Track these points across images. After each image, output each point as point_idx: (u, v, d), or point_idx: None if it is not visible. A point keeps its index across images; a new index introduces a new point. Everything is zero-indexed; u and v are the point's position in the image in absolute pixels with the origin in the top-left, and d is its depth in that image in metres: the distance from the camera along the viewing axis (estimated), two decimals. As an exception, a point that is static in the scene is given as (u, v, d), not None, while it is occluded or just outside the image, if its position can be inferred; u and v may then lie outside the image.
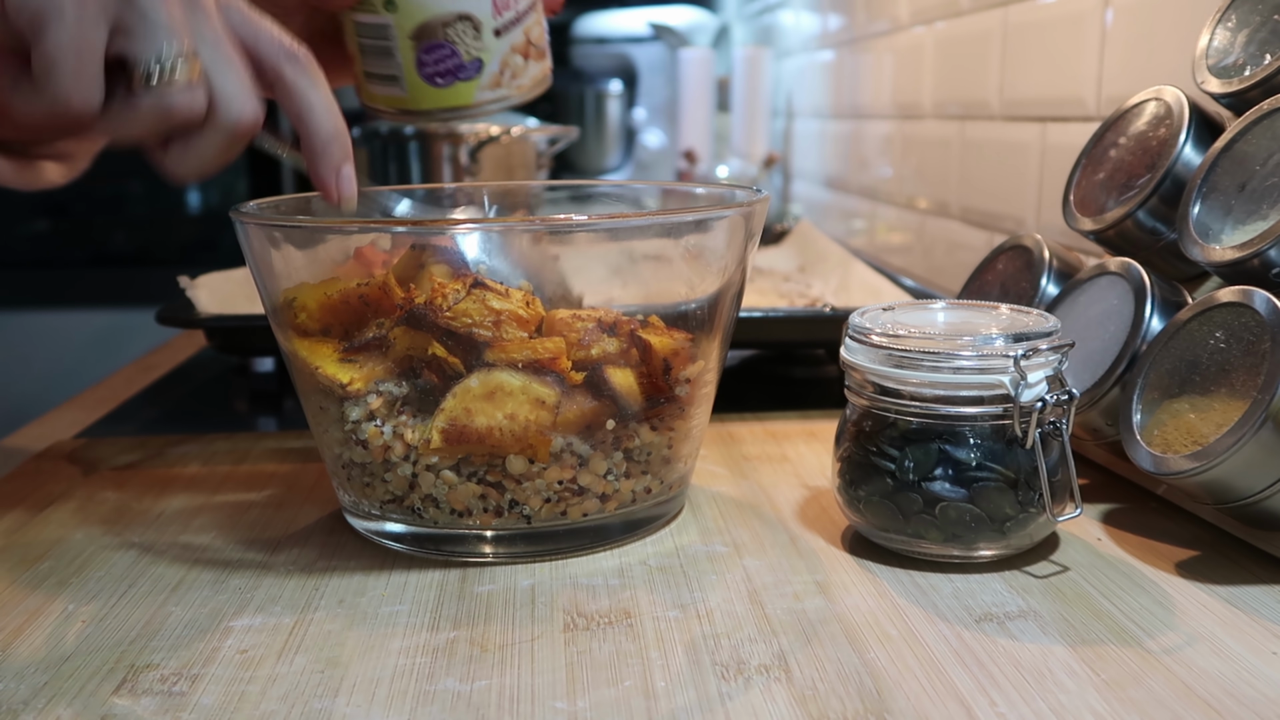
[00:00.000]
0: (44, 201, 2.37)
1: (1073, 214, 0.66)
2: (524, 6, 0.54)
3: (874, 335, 0.51)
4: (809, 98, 1.76)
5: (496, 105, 0.54)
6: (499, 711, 0.40)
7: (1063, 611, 0.46)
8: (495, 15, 0.52)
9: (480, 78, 0.53)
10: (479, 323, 0.50)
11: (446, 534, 0.52)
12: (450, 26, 0.52)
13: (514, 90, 0.54)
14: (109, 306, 2.29)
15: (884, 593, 0.49)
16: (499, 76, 0.53)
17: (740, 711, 0.39)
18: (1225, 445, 0.47)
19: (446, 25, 0.52)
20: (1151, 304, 0.56)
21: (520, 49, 0.54)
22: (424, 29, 0.52)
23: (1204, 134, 0.60)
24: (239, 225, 0.52)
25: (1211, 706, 0.39)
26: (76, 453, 0.69)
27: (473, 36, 0.52)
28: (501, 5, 0.52)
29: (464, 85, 0.53)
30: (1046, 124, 0.90)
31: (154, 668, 0.43)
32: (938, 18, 1.14)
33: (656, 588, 0.49)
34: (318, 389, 0.52)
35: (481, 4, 0.52)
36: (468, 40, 0.52)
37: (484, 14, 0.52)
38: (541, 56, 0.56)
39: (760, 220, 0.55)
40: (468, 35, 0.52)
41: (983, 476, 0.49)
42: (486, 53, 0.53)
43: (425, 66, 0.53)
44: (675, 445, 0.55)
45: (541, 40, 0.55)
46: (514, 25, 0.53)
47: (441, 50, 0.52)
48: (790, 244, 1.23)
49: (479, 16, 0.52)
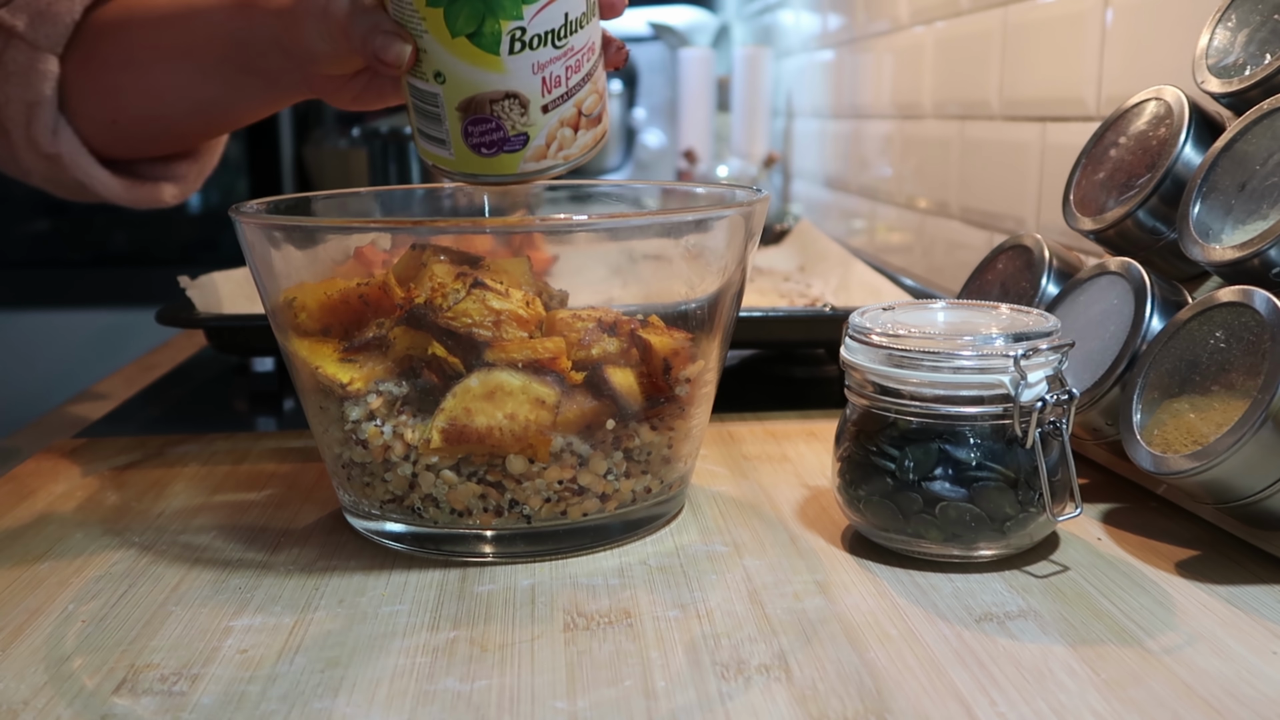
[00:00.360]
0: (44, 201, 2.37)
1: (1073, 214, 0.66)
2: (576, 81, 0.53)
3: (874, 335, 0.51)
4: (809, 97, 1.76)
5: (542, 176, 0.54)
6: (499, 711, 0.40)
7: (1063, 611, 0.46)
8: (544, 93, 0.52)
9: (525, 151, 0.53)
10: (479, 323, 0.50)
11: (446, 534, 0.52)
12: (497, 103, 0.52)
13: (560, 160, 0.54)
14: (109, 306, 2.29)
15: (884, 592, 0.48)
16: (545, 149, 0.53)
17: (740, 711, 0.39)
18: (1225, 445, 0.47)
19: (493, 102, 0.52)
20: (1151, 304, 0.56)
21: (570, 122, 0.53)
22: (471, 103, 0.52)
23: (1204, 134, 0.60)
24: (239, 225, 0.52)
25: (1212, 706, 0.39)
26: (76, 453, 0.69)
27: (519, 113, 0.52)
28: (551, 83, 0.52)
29: (508, 157, 0.53)
30: (1046, 124, 0.90)
31: (154, 667, 0.43)
32: (938, 17, 1.14)
33: (656, 587, 0.49)
34: (318, 389, 0.52)
35: (530, 83, 0.52)
36: (514, 116, 0.52)
37: (532, 93, 0.52)
38: (594, 124, 0.55)
39: (760, 220, 0.55)
40: (514, 111, 0.52)
41: (983, 476, 0.49)
42: (533, 128, 0.52)
43: (471, 137, 0.52)
44: (675, 445, 0.55)
45: (595, 108, 0.55)
46: (564, 100, 0.53)
47: (487, 124, 0.52)
48: (790, 244, 1.23)
49: (526, 95, 0.52)
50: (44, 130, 0.69)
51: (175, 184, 0.76)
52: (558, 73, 0.52)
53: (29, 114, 0.68)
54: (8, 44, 0.68)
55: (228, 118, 0.70)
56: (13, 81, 0.68)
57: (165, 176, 0.75)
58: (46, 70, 0.68)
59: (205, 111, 0.68)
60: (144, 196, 0.74)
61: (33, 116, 0.68)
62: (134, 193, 0.74)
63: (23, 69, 0.68)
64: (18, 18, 0.67)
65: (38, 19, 0.68)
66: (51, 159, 0.70)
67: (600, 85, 0.55)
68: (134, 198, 0.74)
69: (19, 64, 0.67)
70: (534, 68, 0.51)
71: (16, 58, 0.67)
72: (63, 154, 0.69)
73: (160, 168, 0.75)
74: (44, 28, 0.68)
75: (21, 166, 0.71)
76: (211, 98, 0.67)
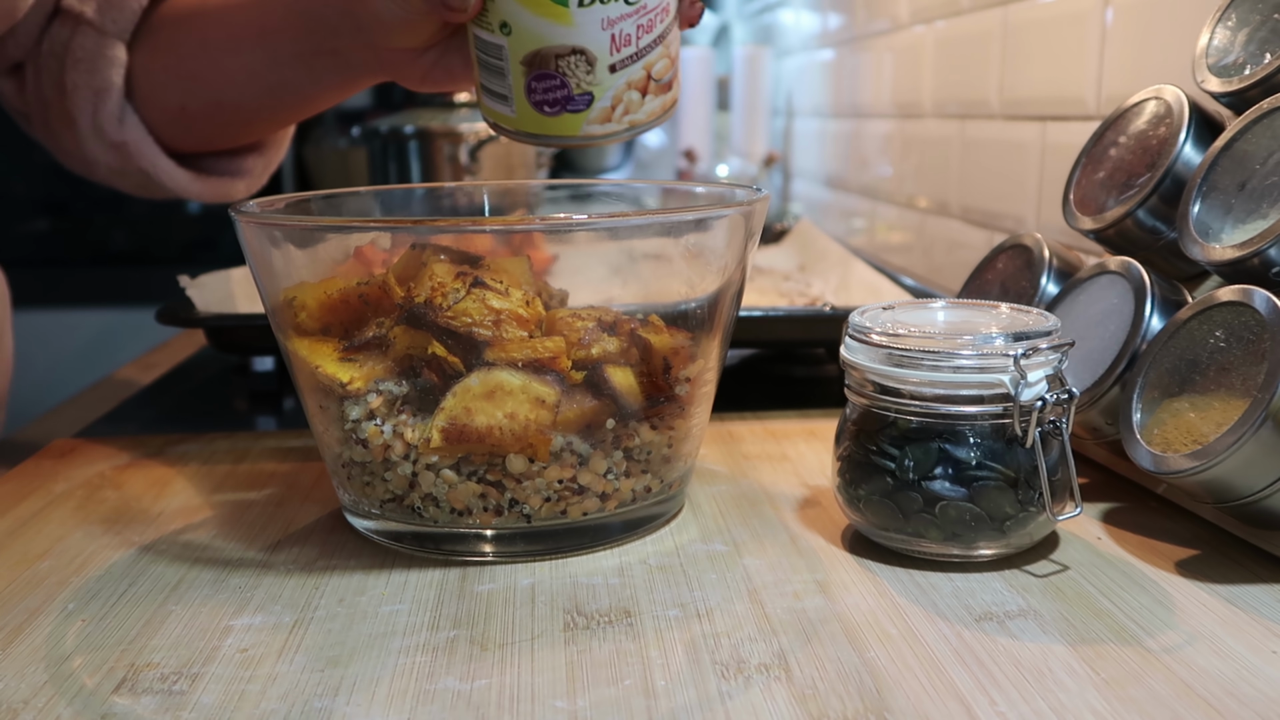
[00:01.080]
0: (44, 200, 2.37)
1: (1073, 213, 0.66)
2: (647, 42, 0.51)
3: (874, 334, 0.51)
4: (809, 97, 1.76)
5: (605, 140, 0.53)
6: (499, 710, 0.40)
7: (1063, 610, 0.46)
8: (613, 51, 0.50)
9: (589, 112, 0.51)
10: (479, 322, 0.50)
11: (446, 533, 0.52)
12: (563, 59, 0.50)
13: (625, 125, 0.52)
14: (109, 305, 2.29)
15: (884, 592, 0.49)
16: (609, 111, 0.52)
17: (740, 710, 0.39)
18: (1225, 444, 0.47)
19: (559, 57, 0.50)
20: (1151, 303, 0.56)
21: (638, 85, 0.52)
22: (536, 57, 0.50)
23: (1204, 133, 0.60)
24: (239, 224, 0.52)
25: (1211, 705, 0.39)
26: (76, 452, 0.69)
27: (585, 70, 0.50)
28: (621, 41, 0.50)
29: (571, 117, 0.52)
30: (1046, 123, 0.90)
31: (154, 667, 0.43)
32: (938, 17, 1.14)
33: (656, 587, 0.49)
34: (318, 388, 0.52)
35: (598, 39, 0.50)
36: (579, 73, 0.50)
37: (600, 50, 0.50)
38: (663, 91, 0.53)
39: (760, 219, 0.55)
40: (580, 69, 0.50)
41: (983, 475, 0.49)
42: (598, 87, 0.51)
43: (534, 94, 0.51)
44: (675, 444, 0.55)
45: (666, 73, 0.53)
46: (633, 61, 0.51)
47: (551, 80, 0.51)
48: (790, 243, 1.23)
49: (594, 52, 0.50)
50: (111, 118, 0.69)
51: (242, 179, 0.76)
52: (628, 31, 0.50)
53: (96, 101, 0.68)
54: (75, 30, 0.68)
55: (300, 103, 0.69)
56: (80, 68, 0.68)
57: (231, 171, 0.75)
58: (114, 57, 0.68)
59: (277, 96, 0.68)
60: (210, 190, 0.74)
61: (100, 104, 0.68)
62: (200, 186, 0.73)
63: (90, 55, 0.68)
64: (86, 4, 0.68)
65: (106, 6, 0.68)
66: (118, 147, 0.70)
67: (673, 50, 0.53)
68: (200, 191, 0.74)
69: (86, 50, 0.68)
70: (603, 23, 0.50)
71: (84, 44, 0.68)
72: (129, 142, 0.69)
73: (226, 162, 0.75)
74: (112, 13, 0.68)
75: (87, 158, 0.71)
76: (284, 82, 0.67)
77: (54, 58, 0.69)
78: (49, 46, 0.69)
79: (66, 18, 0.68)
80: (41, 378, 2.27)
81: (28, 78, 0.71)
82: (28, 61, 0.71)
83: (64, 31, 0.69)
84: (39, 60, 0.70)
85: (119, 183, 0.74)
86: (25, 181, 2.34)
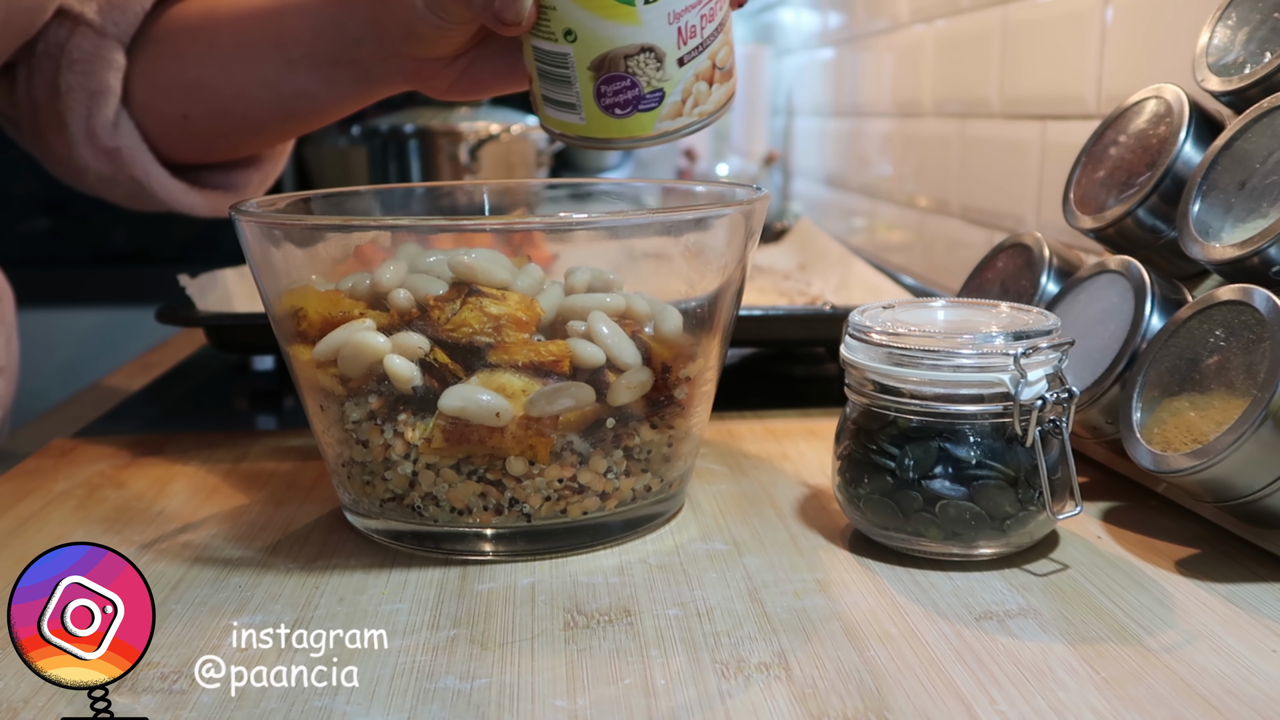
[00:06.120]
0: (44, 199, 2.37)
1: (1073, 212, 0.66)
2: (710, 31, 0.50)
3: (874, 333, 0.51)
4: (809, 95, 1.75)
5: (677, 134, 0.52)
6: (499, 709, 0.40)
7: (1063, 609, 0.46)
8: (680, 45, 0.49)
9: (661, 108, 0.51)
10: (480, 330, 0.50)
11: (446, 532, 0.52)
12: (632, 58, 0.49)
13: (695, 117, 0.52)
14: (109, 304, 2.29)
15: (884, 591, 0.49)
16: (680, 105, 0.51)
17: (740, 709, 0.39)
18: (1225, 443, 0.47)
19: (628, 57, 0.49)
20: (1151, 302, 0.56)
21: (705, 75, 0.51)
22: (604, 61, 0.50)
23: (1204, 132, 0.60)
24: (239, 224, 0.52)
25: (1211, 704, 0.39)
26: (76, 451, 0.69)
27: (655, 68, 0.50)
28: (687, 34, 0.49)
29: (644, 116, 0.51)
30: (1046, 122, 0.90)
31: (154, 666, 0.43)
32: (938, 15, 1.14)
33: (656, 586, 0.49)
34: (318, 388, 0.52)
35: (666, 34, 0.49)
36: (650, 71, 0.50)
37: (668, 45, 0.49)
38: (727, 79, 0.53)
39: (760, 218, 0.55)
40: (650, 66, 0.50)
41: (983, 474, 0.49)
42: (669, 83, 0.50)
43: (604, 98, 0.50)
44: (675, 443, 0.55)
45: (727, 62, 0.52)
46: (699, 52, 0.50)
47: (622, 82, 0.50)
48: (790, 242, 1.23)
49: (662, 48, 0.49)
50: (105, 123, 0.67)
51: (237, 193, 0.73)
52: (693, 22, 0.50)
53: (91, 105, 0.67)
54: (74, 31, 0.66)
55: (312, 113, 0.67)
56: (76, 69, 0.66)
57: (226, 185, 0.73)
58: (113, 60, 0.66)
59: (289, 106, 0.66)
60: (204, 203, 0.72)
61: (94, 108, 0.67)
62: (193, 198, 0.71)
63: (88, 57, 0.66)
64: (87, 5, 0.66)
65: (108, 7, 0.66)
66: (110, 154, 0.68)
67: (730, 36, 0.53)
68: (193, 203, 0.71)
69: (84, 51, 0.66)
70: (670, 17, 0.49)
71: (82, 45, 0.66)
72: (122, 149, 0.67)
73: (222, 175, 0.73)
74: (114, 16, 0.66)
75: (77, 164, 0.70)
76: (297, 91, 0.65)
77: (49, 58, 0.67)
78: (44, 47, 0.67)
79: (65, 18, 0.67)
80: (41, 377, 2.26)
81: (19, 79, 0.70)
82: (19, 62, 0.69)
83: (61, 31, 0.67)
84: (32, 60, 0.68)
85: (108, 191, 0.72)
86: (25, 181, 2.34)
